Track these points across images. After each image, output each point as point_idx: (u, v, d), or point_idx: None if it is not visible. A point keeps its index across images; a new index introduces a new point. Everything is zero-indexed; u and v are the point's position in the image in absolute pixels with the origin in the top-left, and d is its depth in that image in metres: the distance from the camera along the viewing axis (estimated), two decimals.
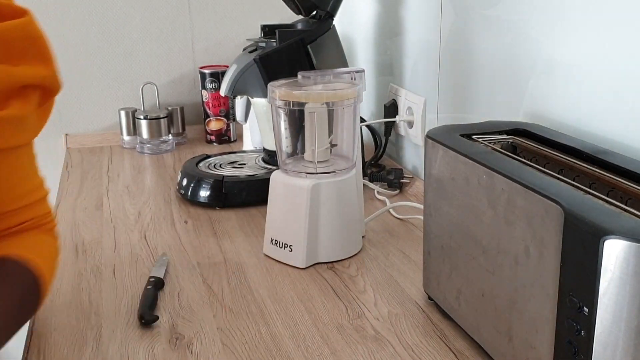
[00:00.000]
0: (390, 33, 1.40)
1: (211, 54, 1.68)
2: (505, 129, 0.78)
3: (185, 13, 1.64)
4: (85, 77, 1.61)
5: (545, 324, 0.57)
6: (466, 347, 0.73)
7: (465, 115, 1.12)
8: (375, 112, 1.52)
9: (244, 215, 1.13)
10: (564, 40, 0.85)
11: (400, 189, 1.22)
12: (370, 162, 1.34)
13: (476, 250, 0.68)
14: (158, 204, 1.19)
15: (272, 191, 0.95)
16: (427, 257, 0.80)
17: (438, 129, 0.77)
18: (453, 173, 0.71)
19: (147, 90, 1.61)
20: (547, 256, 0.56)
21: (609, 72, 0.77)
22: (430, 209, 0.77)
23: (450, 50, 1.15)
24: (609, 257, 0.48)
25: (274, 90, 0.91)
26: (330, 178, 0.92)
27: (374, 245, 1.00)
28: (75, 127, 1.63)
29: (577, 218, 0.52)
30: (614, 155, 0.66)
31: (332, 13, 1.21)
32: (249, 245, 1.01)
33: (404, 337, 0.76)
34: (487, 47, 1.03)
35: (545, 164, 0.71)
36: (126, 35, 1.61)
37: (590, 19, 0.79)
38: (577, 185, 0.58)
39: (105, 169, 1.42)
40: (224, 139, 1.60)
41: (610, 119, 0.78)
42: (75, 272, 0.93)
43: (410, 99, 1.31)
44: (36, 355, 0.74)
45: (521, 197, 0.59)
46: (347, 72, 0.97)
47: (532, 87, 0.92)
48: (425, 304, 0.83)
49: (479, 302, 0.68)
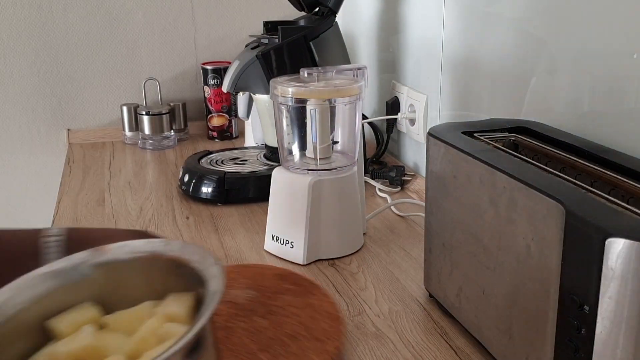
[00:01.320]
0: (392, 30, 1.40)
1: (213, 50, 1.68)
2: (507, 127, 0.77)
3: (187, 9, 1.64)
4: (88, 72, 1.61)
5: (546, 322, 0.57)
6: (467, 344, 0.73)
7: (467, 113, 1.12)
8: (377, 109, 1.52)
9: (246, 211, 1.13)
10: (566, 38, 0.84)
11: (401, 186, 1.22)
12: (372, 159, 1.34)
13: (477, 248, 0.68)
14: (160, 200, 1.19)
15: (274, 188, 0.95)
16: (428, 255, 0.80)
17: (440, 127, 0.77)
18: (455, 171, 0.71)
19: (149, 86, 1.61)
20: (548, 254, 0.56)
21: (611, 70, 0.77)
22: (431, 207, 0.77)
23: (452, 47, 1.15)
24: (610, 255, 0.48)
25: (276, 86, 0.91)
26: (332, 175, 0.92)
27: (375, 242, 1.00)
28: (78, 122, 1.63)
29: (579, 217, 0.52)
30: (616, 154, 0.66)
31: (335, 10, 1.21)
32: (250, 242, 1.01)
33: (405, 334, 0.76)
34: (490, 45, 1.02)
35: (546, 162, 0.70)
36: (129, 31, 1.61)
37: (592, 18, 0.79)
38: (579, 184, 0.58)
39: (107, 165, 1.42)
40: (226, 135, 1.60)
41: (611, 117, 0.78)
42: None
43: (412, 97, 1.31)
44: None
45: (523, 195, 0.59)
46: (350, 69, 0.97)
47: (534, 85, 0.92)
48: (426, 301, 0.83)
49: (480, 300, 0.68)
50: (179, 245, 0.52)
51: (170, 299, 0.50)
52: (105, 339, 0.48)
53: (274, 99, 0.92)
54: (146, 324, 0.48)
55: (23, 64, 1.56)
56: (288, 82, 0.92)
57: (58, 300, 0.51)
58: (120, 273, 0.53)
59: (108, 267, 0.53)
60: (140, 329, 0.48)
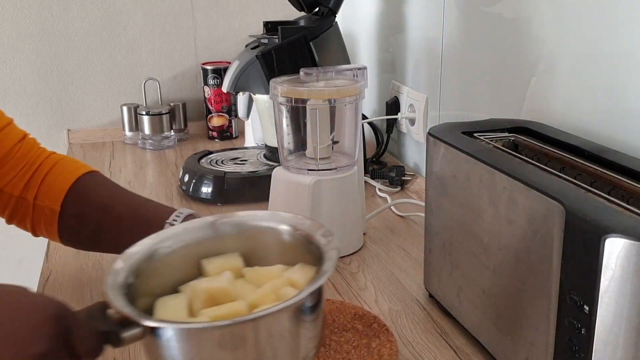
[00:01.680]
0: (392, 30, 1.40)
1: (213, 50, 1.68)
2: (507, 127, 0.78)
3: (187, 9, 1.64)
4: (88, 72, 1.61)
5: (545, 322, 0.57)
6: (466, 344, 0.73)
7: (467, 113, 1.12)
8: (377, 109, 1.52)
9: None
10: (566, 38, 0.84)
11: (401, 186, 1.22)
12: (371, 159, 1.34)
13: (477, 248, 0.68)
14: (160, 200, 1.19)
15: (274, 188, 0.95)
16: (428, 255, 0.80)
17: (440, 127, 0.77)
18: (454, 171, 0.71)
19: (149, 86, 1.61)
20: (548, 254, 0.56)
21: (611, 70, 0.77)
22: (431, 207, 0.77)
23: (452, 47, 1.15)
24: (609, 255, 0.49)
25: (276, 86, 0.91)
26: (332, 175, 0.92)
27: (375, 242, 1.00)
28: (78, 122, 1.63)
29: (578, 216, 0.52)
30: (616, 154, 0.66)
31: (335, 10, 1.21)
32: None
33: (405, 334, 0.76)
34: (489, 45, 1.02)
35: (546, 162, 0.71)
36: (129, 31, 1.61)
37: (593, 17, 0.79)
38: (579, 184, 0.58)
39: (107, 165, 1.42)
40: (226, 135, 1.60)
41: (611, 117, 0.78)
42: (76, 267, 0.93)
43: (412, 96, 1.31)
44: None
45: (522, 195, 0.59)
46: (350, 69, 0.97)
47: (534, 85, 0.92)
48: (425, 301, 0.83)
49: (480, 300, 0.68)
50: (313, 224, 0.61)
51: (297, 267, 0.60)
52: (237, 286, 0.59)
53: (274, 99, 0.92)
54: (271, 282, 0.58)
55: (23, 64, 1.56)
56: (288, 82, 0.92)
57: (214, 245, 0.63)
58: (263, 236, 0.64)
59: (255, 229, 0.65)
60: (266, 285, 0.58)
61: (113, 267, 0.55)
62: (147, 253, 0.59)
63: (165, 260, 0.60)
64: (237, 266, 0.62)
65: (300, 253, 0.61)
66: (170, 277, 0.60)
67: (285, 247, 0.63)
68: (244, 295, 0.57)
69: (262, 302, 0.56)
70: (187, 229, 0.63)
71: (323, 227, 0.60)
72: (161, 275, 0.59)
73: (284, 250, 0.63)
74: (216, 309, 0.55)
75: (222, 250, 0.63)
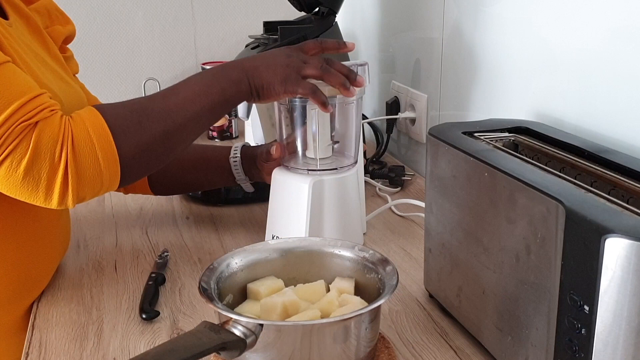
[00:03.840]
0: (392, 30, 1.40)
1: (213, 50, 1.68)
2: (507, 127, 0.78)
3: (187, 9, 1.64)
4: (88, 72, 1.61)
5: (545, 322, 0.57)
6: (466, 344, 0.73)
7: (467, 113, 1.12)
8: (377, 109, 1.52)
9: (245, 211, 1.13)
10: (566, 39, 0.85)
11: (401, 186, 1.22)
12: (372, 159, 1.34)
13: (477, 248, 0.68)
14: (160, 200, 1.19)
15: (274, 188, 0.95)
16: (428, 255, 0.80)
17: (440, 127, 0.77)
18: (455, 171, 0.71)
19: (149, 86, 1.61)
20: (548, 254, 0.56)
21: (612, 70, 0.77)
22: (431, 207, 0.77)
23: (452, 47, 1.15)
24: (610, 255, 0.49)
25: None
26: (332, 175, 0.91)
27: (375, 242, 1.00)
28: None
29: (579, 216, 0.52)
30: (616, 154, 0.66)
31: (335, 10, 1.21)
32: (250, 242, 1.00)
33: (405, 334, 0.76)
34: (490, 45, 1.02)
35: (547, 162, 0.71)
36: (129, 31, 1.61)
37: (593, 17, 0.79)
38: (579, 184, 0.58)
39: None
40: (226, 135, 1.60)
41: (612, 118, 0.78)
42: (76, 267, 0.93)
43: (412, 96, 1.31)
44: (37, 349, 0.74)
45: (522, 195, 0.59)
46: (350, 65, 0.97)
47: (534, 85, 0.92)
48: (426, 301, 0.83)
49: (480, 300, 0.68)
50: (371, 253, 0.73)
51: (337, 279, 0.73)
52: (300, 299, 0.69)
53: None
54: (330, 293, 0.70)
55: None
56: None
57: (252, 271, 0.73)
58: (299, 259, 0.75)
59: (292, 254, 0.76)
60: (327, 295, 0.70)
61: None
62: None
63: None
64: (280, 286, 0.72)
65: (338, 269, 0.74)
66: (222, 301, 0.68)
67: (322, 267, 0.75)
68: (308, 306, 0.68)
69: (329, 309, 0.67)
70: (235, 255, 0.74)
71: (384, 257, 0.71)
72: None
73: (320, 270, 0.75)
74: (299, 316, 0.65)
75: (259, 274, 0.74)
